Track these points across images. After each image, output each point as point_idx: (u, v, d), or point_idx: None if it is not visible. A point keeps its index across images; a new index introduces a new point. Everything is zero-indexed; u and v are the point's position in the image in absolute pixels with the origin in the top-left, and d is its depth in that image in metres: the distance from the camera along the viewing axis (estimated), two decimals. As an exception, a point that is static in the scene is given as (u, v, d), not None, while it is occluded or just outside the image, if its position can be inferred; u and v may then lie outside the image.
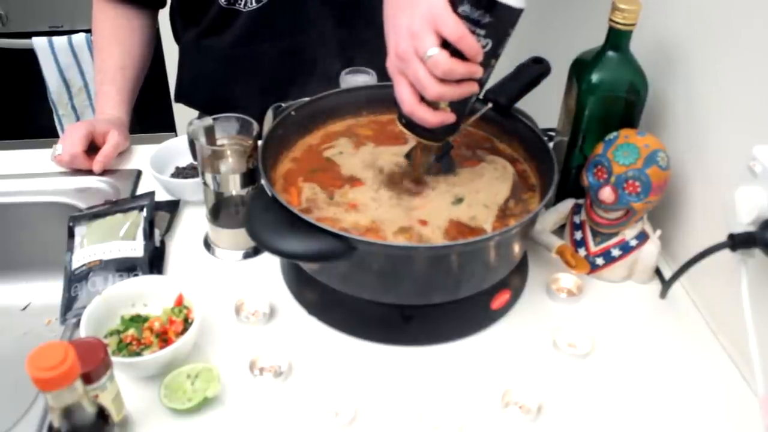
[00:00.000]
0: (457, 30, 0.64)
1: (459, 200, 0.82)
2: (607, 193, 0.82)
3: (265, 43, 1.11)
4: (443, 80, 0.66)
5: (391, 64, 0.70)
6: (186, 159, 1.02)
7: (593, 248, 0.87)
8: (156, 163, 0.99)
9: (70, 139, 1.02)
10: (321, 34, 1.10)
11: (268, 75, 1.14)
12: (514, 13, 0.66)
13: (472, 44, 0.65)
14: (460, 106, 0.71)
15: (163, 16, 1.21)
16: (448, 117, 0.71)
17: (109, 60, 1.14)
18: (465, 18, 0.65)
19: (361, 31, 1.07)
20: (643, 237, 0.86)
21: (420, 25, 0.65)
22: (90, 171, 1.04)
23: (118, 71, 1.13)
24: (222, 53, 1.13)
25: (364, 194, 0.82)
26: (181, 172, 1.02)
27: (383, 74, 1.02)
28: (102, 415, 0.56)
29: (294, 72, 1.13)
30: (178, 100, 1.25)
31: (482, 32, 0.66)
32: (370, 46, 1.06)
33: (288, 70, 1.13)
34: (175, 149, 1.03)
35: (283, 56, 1.12)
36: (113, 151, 1.04)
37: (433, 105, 0.70)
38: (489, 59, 0.68)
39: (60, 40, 1.80)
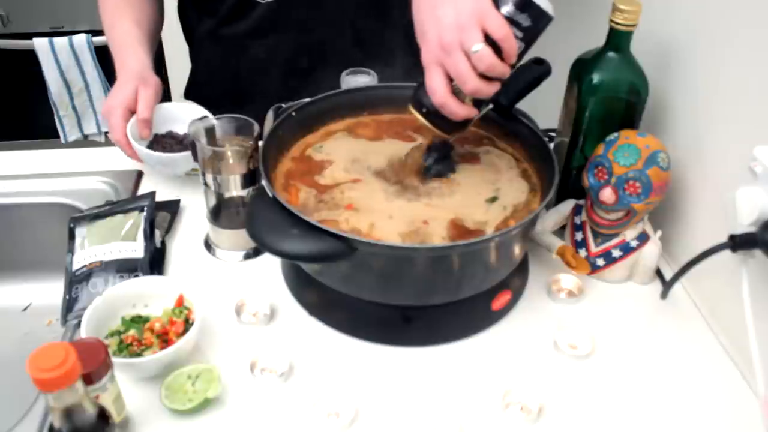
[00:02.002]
0: (503, 29, 0.67)
1: (494, 198, 0.82)
2: (607, 194, 0.82)
3: (283, 36, 1.09)
4: (481, 76, 0.68)
5: (430, 53, 0.70)
6: (165, 127, 1.01)
7: (594, 249, 0.87)
8: (135, 129, 0.96)
9: (113, 130, 0.97)
10: (338, 27, 1.09)
11: (284, 67, 1.12)
12: (549, 21, 0.70)
13: (513, 45, 0.68)
14: (479, 104, 0.74)
15: (166, 18, 1.21)
16: (472, 111, 0.73)
17: (121, 20, 1.08)
18: (508, 19, 0.68)
19: (379, 25, 1.07)
20: (643, 238, 0.86)
21: (467, 20, 0.66)
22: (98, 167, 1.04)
23: (134, 25, 1.08)
24: (239, 43, 1.11)
25: (369, 194, 0.82)
26: (159, 141, 1.01)
27: (392, 72, 1.02)
28: (103, 415, 0.56)
29: (311, 65, 1.12)
30: (188, 96, 1.23)
31: (520, 35, 0.69)
32: (386, 40, 1.05)
33: (305, 63, 1.12)
34: (160, 116, 1.00)
35: (300, 49, 1.11)
36: (147, 110, 0.97)
37: (460, 99, 0.71)
38: (517, 62, 0.71)
39: (61, 41, 1.80)
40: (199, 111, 1.03)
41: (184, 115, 1.00)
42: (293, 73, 1.13)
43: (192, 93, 1.23)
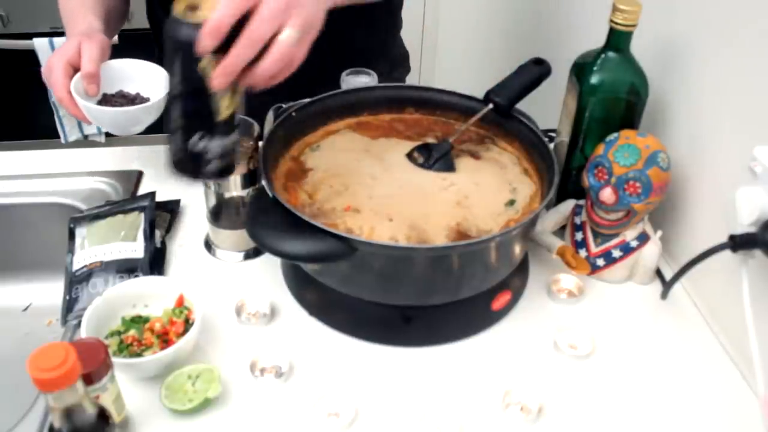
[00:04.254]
0: None
1: (511, 202, 0.82)
2: (607, 194, 0.82)
3: None
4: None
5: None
6: (115, 86, 0.93)
7: (594, 249, 0.87)
8: (81, 87, 0.88)
9: (55, 87, 0.88)
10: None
11: None
12: None
13: None
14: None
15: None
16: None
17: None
18: None
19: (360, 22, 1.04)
20: (643, 238, 0.86)
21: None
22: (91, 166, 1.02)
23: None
24: None
25: (367, 195, 0.82)
26: (108, 100, 0.92)
27: (383, 74, 1.01)
28: (103, 415, 0.56)
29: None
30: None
31: None
32: (369, 37, 1.03)
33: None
34: (108, 74, 0.92)
35: None
36: (92, 63, 0.87)
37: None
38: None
39: (61, 41, 1.79)
40: (153, 69, 0.94)
41: (136, 73, 0.94)
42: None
43: None
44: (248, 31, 0.61)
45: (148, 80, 0.93)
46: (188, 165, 0.67)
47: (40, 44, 1.80)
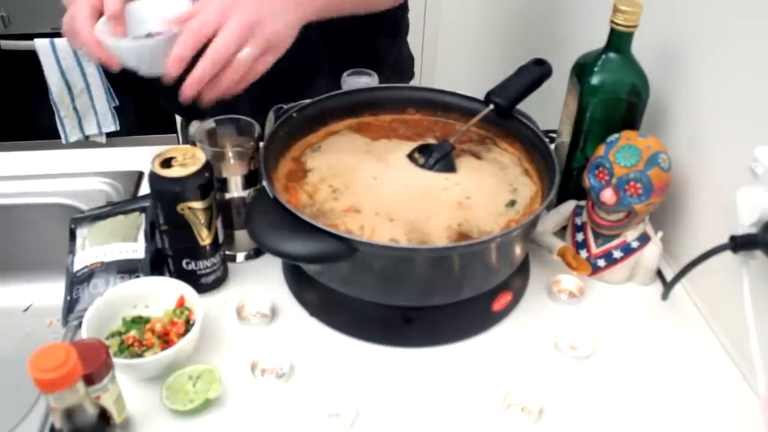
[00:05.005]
0: None
1: (512, 202, 0.82)
2: (608, 195, 0.82)
3: None
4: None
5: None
6: (142, 29, 0.84)
7: (595, 250, 0.87)
8: (106, 28, 0.80)
9: (80, 32, 0.81)
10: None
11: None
12: None
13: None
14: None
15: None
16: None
17: None
18: None
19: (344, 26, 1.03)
20: (644, 239, 0.86)
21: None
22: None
23: None
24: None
25: (368, 196, 0.82)
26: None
27: (387, 78, 1.01)
28: (103, 416, 0.56)
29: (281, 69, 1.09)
30: (157, 101, 1.15)
31: None
32: (372, 41, 1.03)
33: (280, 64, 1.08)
34: (132, 19, 0.83)
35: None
36: (116, 5, 0.81)
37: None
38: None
39: (62, 42, 1.80)
40: (179, 3, 0.83)
41: (162, 11, 0.83)
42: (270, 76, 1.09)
43: (160, 98, 1.14)
44: (210, 51, 0.66)
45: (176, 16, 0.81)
46: (184, 279, 0.79)
47: (40, 45, 1.80)
